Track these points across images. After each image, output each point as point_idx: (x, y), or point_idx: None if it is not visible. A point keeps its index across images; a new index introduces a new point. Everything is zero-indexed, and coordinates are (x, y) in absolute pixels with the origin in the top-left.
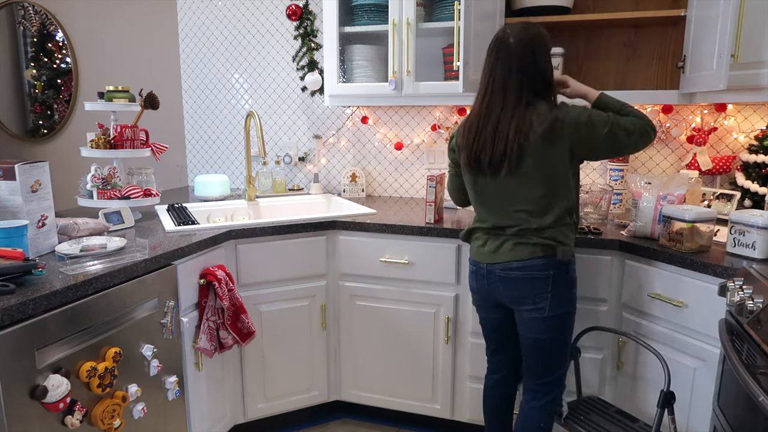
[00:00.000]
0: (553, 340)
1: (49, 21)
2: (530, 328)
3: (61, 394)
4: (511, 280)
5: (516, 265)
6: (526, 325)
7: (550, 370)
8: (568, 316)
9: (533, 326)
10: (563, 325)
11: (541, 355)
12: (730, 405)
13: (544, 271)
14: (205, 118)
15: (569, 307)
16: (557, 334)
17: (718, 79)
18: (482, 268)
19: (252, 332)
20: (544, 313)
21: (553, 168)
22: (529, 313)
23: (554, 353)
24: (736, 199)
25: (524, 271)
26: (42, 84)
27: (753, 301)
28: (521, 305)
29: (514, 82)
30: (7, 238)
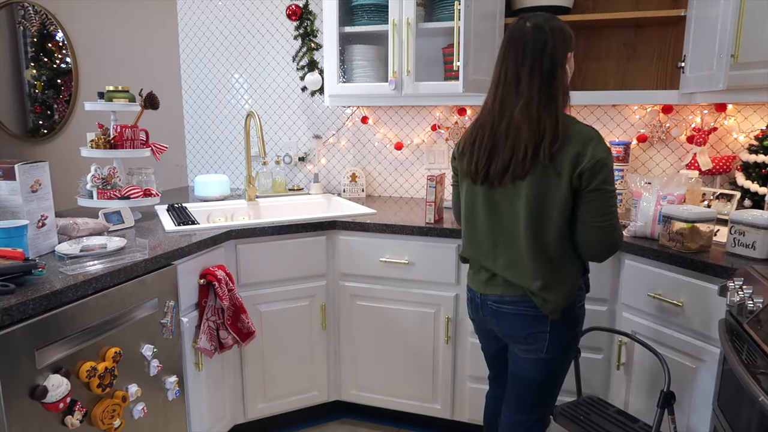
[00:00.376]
0: (545, 382)
1: (49, 21)
2: (522, 367)
3: (61, 394)
4: (502, 315)
5: (509, 299)
6: (518, 364)
7: (533, 411)
8: (566, 358)
9: (525, 366)
10: (560, 368)
11: (530, 396)
12: (730, 405)
13: (539, 309)
14: (205, 118)
15: (569, 348)
16: (551, 377)
17: (718, 79)
18: (477, 297)
19: (252, 332)
20: (540, 354)
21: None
22: (522, 352)
23: (544, 395)
24: (736, 199)
25: (516, 307)
26: (42, 84)
27: (753, 301)
28: (515, 342)
29: (527, 72)
30: (7, 238)
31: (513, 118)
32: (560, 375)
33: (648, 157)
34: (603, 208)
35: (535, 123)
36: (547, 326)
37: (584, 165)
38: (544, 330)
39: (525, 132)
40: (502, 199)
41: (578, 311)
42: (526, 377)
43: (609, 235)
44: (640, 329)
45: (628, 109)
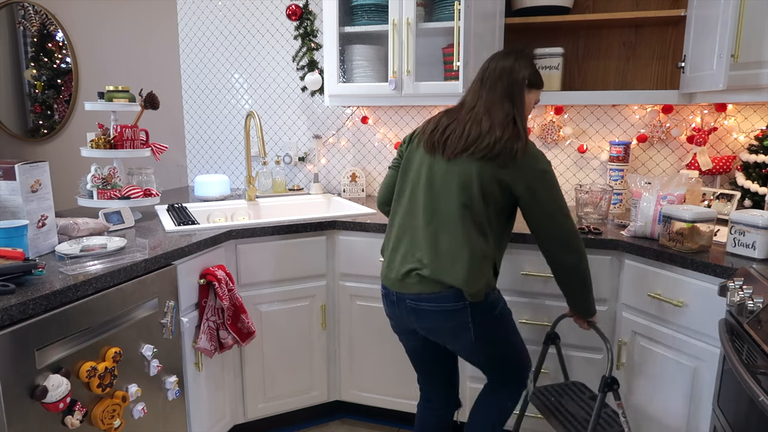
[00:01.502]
0: (490, 355)
1: (49, 21)
2: (463, 353)
3: (61, 394)
4: (423, 312)
5: (426, 297)
6: (458, 351)
7: (499, 373)
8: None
9: (464, 354)
10: (496, 343)
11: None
12: (730, 405)
13: (457, 301)
14: (205, 118)
15: (496, 327)
16: (491, 350)
17: (718, 79)
18: (392, 294)
19: (252, 332)
20: (469, 341)
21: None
22: (451, 344)
23: (497, 360)
24: (736, 199)
25: (436, 304)
26: (42, 84)
27: (753, 301)
28: (440, 337)
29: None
30: (7, 238)
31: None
32: (501, 347)
33: (648, 157)
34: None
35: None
36: (468, 317)
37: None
38: (467, 321)
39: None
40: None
41: (492, 297)
42: (470, 359)
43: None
44: (640, 329)
45: (628, 109)
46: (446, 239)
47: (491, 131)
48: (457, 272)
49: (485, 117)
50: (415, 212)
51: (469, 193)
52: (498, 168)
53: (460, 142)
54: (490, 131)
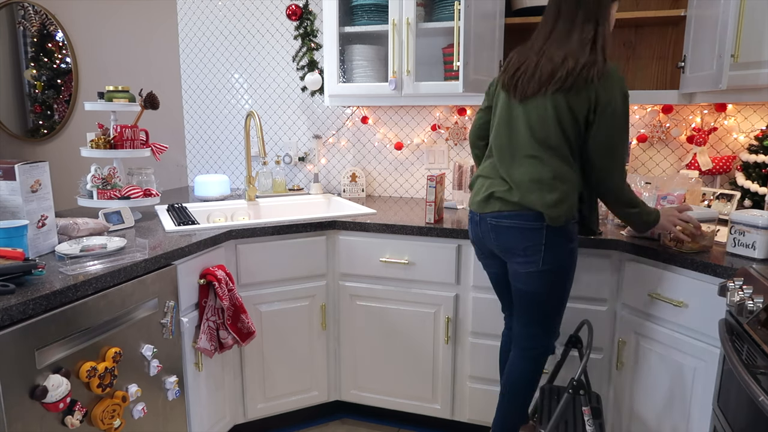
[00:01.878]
0: (547, 295)
1: (49, 21)
2: (522, 281)
3: (61, 394)
4: (501, 229)
5: (507, 214)
6: (518, 278)
7: (541, 322)
8: (565, 273)
9: (525, 280)
10: (559, 281)
11: (533, 310)
12: (730, 405)
13: (536, 221)
14: (205, 118)
15: (567, 263)
16: (552, 291)
17: (718, 79)
18: (476, 216)
19: (252, 332)
20: (537, 267)
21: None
22: (520, 266)
23: (546, 309)
24: (736, 199)
25: (514, 221)
26: (42, 84)
27: (753, 301)
28: (513, 257)
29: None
30: (7, 238)
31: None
32: (559, 289)
33: (648, 157)
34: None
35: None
36: (543, 239)
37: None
38: (540, 242)
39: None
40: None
41: (572, 227)
42: (527, 290)
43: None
44: (640, 329)
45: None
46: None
47: (564, 64)
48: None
49: (558, 49)
50: (501, 150)
51: (546, 130)
52: (573, 97)
53: (531, 84)
54: (563, 64)
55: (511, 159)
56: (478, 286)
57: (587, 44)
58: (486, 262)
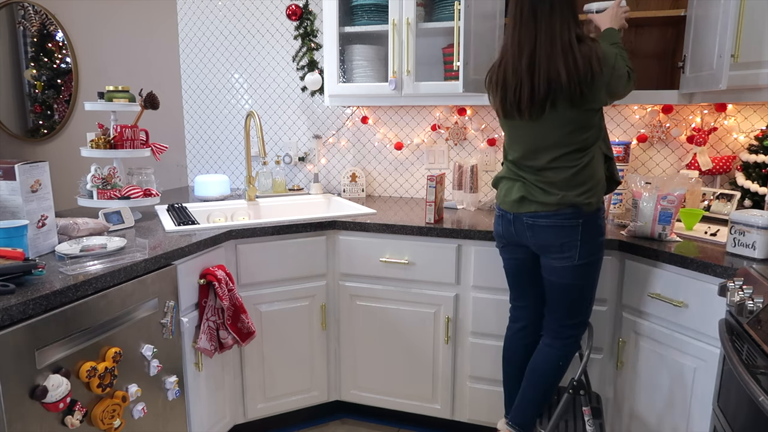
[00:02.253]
0: (581, 286)
1: (49, 21)
2: (558, 275)
3: (61, 394)
4: (538, 228)
5: (543, 214)
6: (554, 272)
7: (577, 313)
8: (597, 263)
9: (561, 273)
10: (592, 272)
11: (568, 300)
12: (730, 405)
13: (573, 219)
14: (205, 118)
15: (598, 255)
16: (586, 282)
17: (718, 79)
18: (508, 215)
19: (252, 332)
20: (573, 261)
21: (586, 113)
22: (557, 261)
23: (581, 298)
24: (736, 199)
25: (552, 219)
26: (42, 84)
27: (753, 301)
28: (549, 253)
29: (546, 8)
30: (7, 238)
31: (538, 49)
32: (591, 280)
33: (648, 157)
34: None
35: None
36: (578, 235)
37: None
38: (576, 239)
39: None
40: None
41: (601, 222)
42: (562, 283)
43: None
44: (640, 329)
45: (628, 109)
46: (556, 172)
47: (559, 78)
48: (572, 195)
49: (547, 61)
50: (524, 153)
51: (563, 131)
52: (581, 100)
53: (535, 107)
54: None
55: (533, 160)
56: (478, 286)
57: (570, 47)
58: (511, 250)
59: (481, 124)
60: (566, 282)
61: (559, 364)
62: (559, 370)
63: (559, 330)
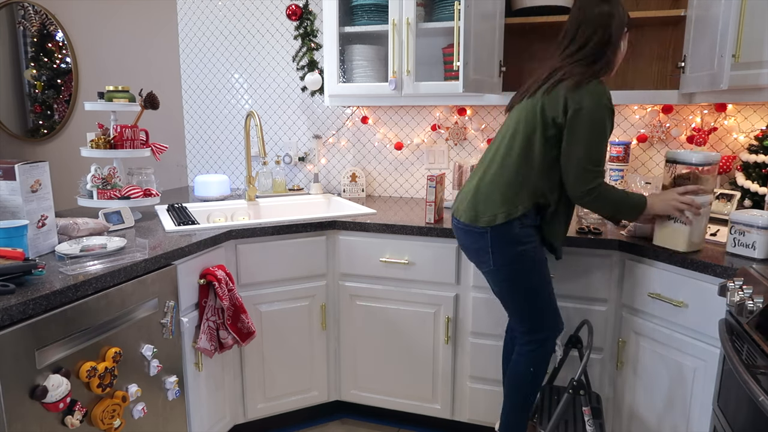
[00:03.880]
0: (512, 291)
1: (49, 21)
2: (489, 281)
3: (61, 394)
4: (459, 233)
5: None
6: (486, 278)
7: (525, 319)
8: (521, 271)
9: (488, 278)
10: (519, 278)
11: (510, 305)
12: (730, 405)
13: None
14: (205, 118)
15: (518, 264)
16: (514, 287)
17: (719, 79)
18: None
19: (252, 332)
20: (489, 266)
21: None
22: (479, 266)
23: (519, 303)
24: (736, 199)
25: (465, 225)
26: (42, 84)
27: (753, 301)
28: (471, 259)
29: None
30: (7, 238)
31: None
32: (523, 285)
33: (648, 157)
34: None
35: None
36: (488, 242)
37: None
38: (486, 246)
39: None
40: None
41: (517, 230)
42: (494, 288)
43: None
44: (640, 329)
45: (628, 109)
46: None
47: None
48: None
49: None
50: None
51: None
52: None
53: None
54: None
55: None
56: (478, 286)
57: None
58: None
59: (481, 124)
60: (496, 288)
61: (530, 370)
62: (534, 376)
63: (521, 337)
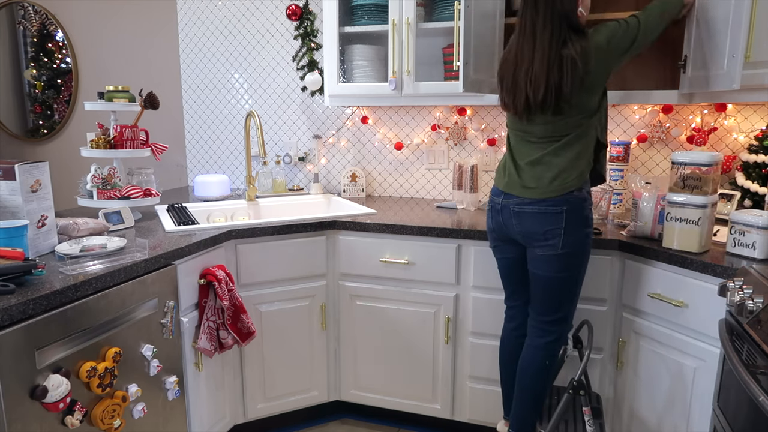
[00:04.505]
0: (564, 279)
1: (49, 21)
2: (541, 266)
3: (61, 394)
4: (524, 215)
5: (529, 201)
6: (537, 263)
7: (557, 309)
8: (581, 255)
9: (544, 264)
10: (576, 264)
11: (550, 293)
12: (730, 405)
13: (557, 206)
14: (205, 118)
15: (583, 247)
16: (569, 274)
17: (731, 78)
18: (497, 204)
19: (252, 332)
20: (556, 250)
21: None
22: (541, 249)
23: (564, 292)
24: (736, 199)
25: (537, 206)
26: (42, 84)
27: (753, 301)
28: (534, 241)
29: (542, 24)
30: (7, 238)
31: (536, 62)
32: (574, 274)
33: (648, 157)
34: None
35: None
36: (562, 223)
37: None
38: (560, 227)
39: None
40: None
41: (587, 213)
42: (545, 275)
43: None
44: (640, 329)
45: (628, 109)
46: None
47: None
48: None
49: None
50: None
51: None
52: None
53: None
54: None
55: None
56: (478, 286)
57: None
58: (503, 248)
59: (481, 124)
60: (548, 274)
61: (545, 363)
62: (547, 370)
63: (540, 327)
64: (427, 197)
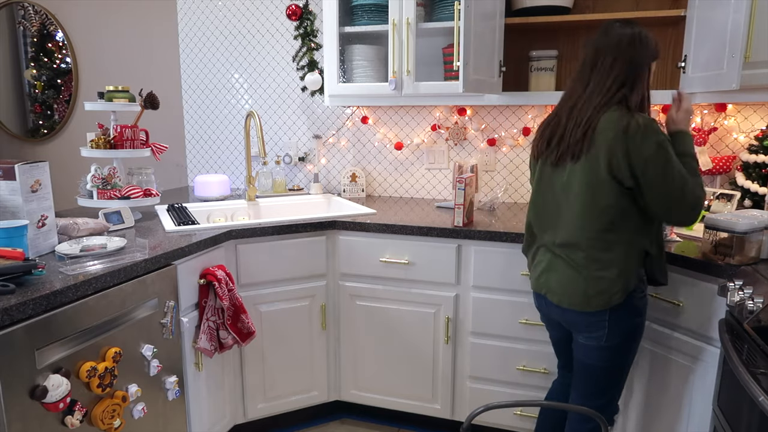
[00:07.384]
0: (609, 368)
1: (49, 21)
2: (584, 353)
3: (61, 394)
4: (559, 311)
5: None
6: (581, 348)
7: (601, 394)
8: (628, 345)
9: (587, 353)
10: (622, 354)
11: (595, 381)
12: (730, 405)
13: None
14: (205, 118)
15: (631, 337)
16: (613, 364)
17: (731, 79)
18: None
19: (252, 332)
20: (600, 342)
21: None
22: (584, 339)
23: (609, 380)
24: (736, 199)
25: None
26: (42, 84)
27: (753, 301)
28: (577, 331)
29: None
30: (7, 238)
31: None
32: (622, 363)
33: None
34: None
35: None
36: (606, 315)
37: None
38: (604, 319)
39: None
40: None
41: (637, 302)
42: (588, 363)
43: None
44: None
45: None
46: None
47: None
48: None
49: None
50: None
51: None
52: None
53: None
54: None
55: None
56: (478, 286)
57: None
58: (549, 325)
59: (481, 124)
60: (591, 363)
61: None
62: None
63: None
64: (427, 197)
